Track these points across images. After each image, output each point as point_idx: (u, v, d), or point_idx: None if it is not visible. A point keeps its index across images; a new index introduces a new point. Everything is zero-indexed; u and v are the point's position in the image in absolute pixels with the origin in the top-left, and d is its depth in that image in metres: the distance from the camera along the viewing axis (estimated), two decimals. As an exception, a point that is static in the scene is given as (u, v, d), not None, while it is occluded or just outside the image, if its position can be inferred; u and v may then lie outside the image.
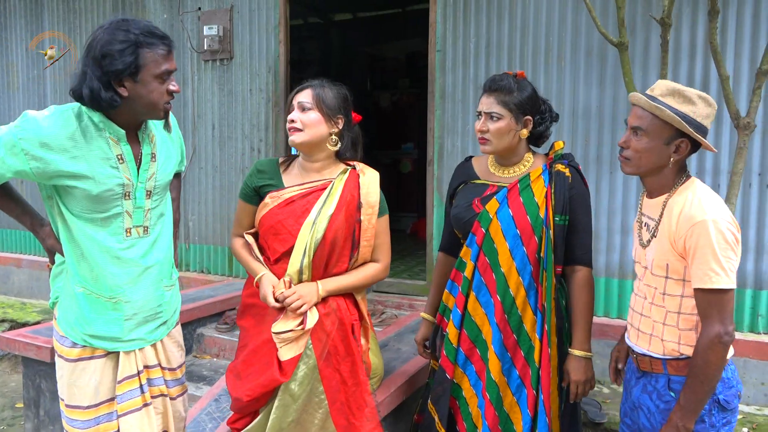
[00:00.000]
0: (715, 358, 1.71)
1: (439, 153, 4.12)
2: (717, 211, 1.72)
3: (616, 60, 3.58)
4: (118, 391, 1.89)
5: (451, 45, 4.03)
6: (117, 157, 1.81)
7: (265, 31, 4.64)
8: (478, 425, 2.20)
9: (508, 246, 2.14)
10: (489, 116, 2.14)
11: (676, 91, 1.79)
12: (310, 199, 2.20)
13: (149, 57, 1.71)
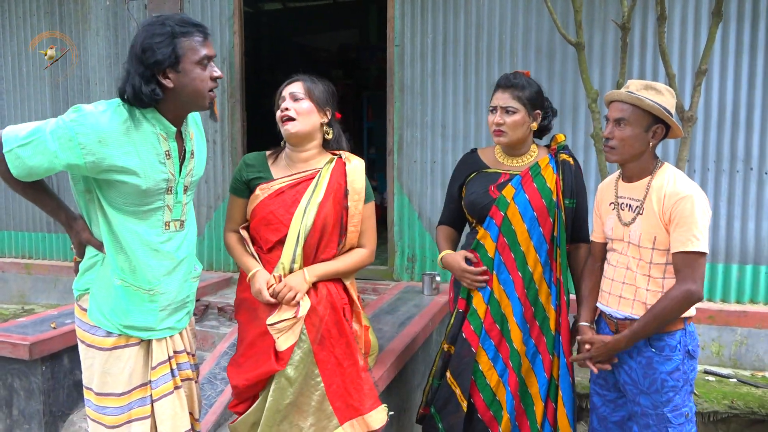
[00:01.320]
0: (678, 308, 2.05)
1: (398, 144, 4.32)
2: (696, 189, 2.07)
3: (563, 58, 3.93)
4: (152, 376, 1.95)
5: (409, 40, 4.23)
6: (165, 153, 1.87)
7: (219, 21, 4.63)
8: (497, 393, 2.40)
9: (526, 227, 2.36)
10: (505, 110, 2.34)
11: (649, 85, 2.12)
12: (299, 189, 2.25)
13: (186, 45, 1.77)
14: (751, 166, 3.69)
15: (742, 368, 3.68)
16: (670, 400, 2.11)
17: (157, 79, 1.76)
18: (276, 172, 2.32)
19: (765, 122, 3.66)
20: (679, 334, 2.12)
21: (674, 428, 2.12)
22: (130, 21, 4.79)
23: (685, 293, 2.03)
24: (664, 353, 2.11)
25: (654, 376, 2.12)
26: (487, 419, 2.42)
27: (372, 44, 8.26)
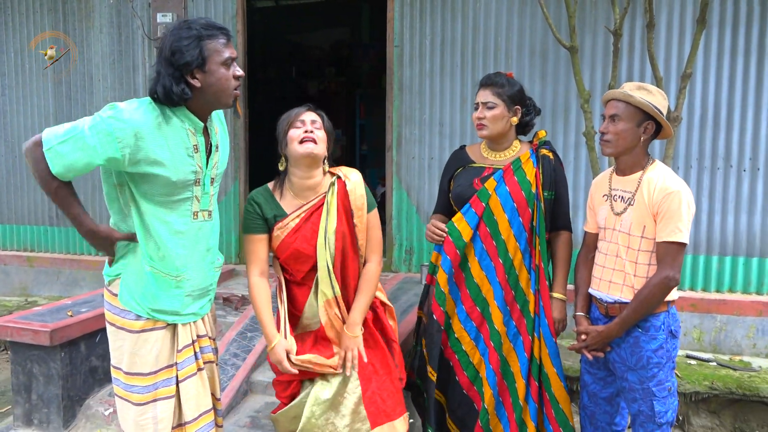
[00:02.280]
0: (659, 294, 2.28)
1: (397, 140, 4.49)
2: (683, 186, 2.29)
3: (556, 59, 4.13)
4: (178, 359, 2.06)
5: (408, 41, 4.40)
6: (193, 147, 2.01)
7: (222, 20, 4.75)
8: (480, 370, 2.62)
9: (506, 217, 2.57)
10: (485, 106, 2.57)
11: (641, 86, 2.36)
12: (313, 220, 2.37)
13: (212, 47, 1.90)
14: (731, 164, 3.93)
15: (721, 353, 3.92)
16: (654, 375, 2.32)
17: (186, 79, 1.89)
18: (286, 206, 2.40)
19: (744, 122, 3.90)
20: (663, 316, 2.33)
21: (658, 401, 2.34)
22: (134, 18, 4.89)
23: (664, 279, 2.26)
24: (649, 333, 2.33)
25: (640, 353, 2.33)
26: (471, 394, 2.63)
27: (364, 42, 8.41)
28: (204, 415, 2.16)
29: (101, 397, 3.46)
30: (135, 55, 4.97)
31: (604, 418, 2.57)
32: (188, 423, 2.11)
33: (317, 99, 8.10)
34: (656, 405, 2.34)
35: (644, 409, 2.35)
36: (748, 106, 3.88)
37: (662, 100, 2.35)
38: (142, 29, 4.86)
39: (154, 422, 2.05)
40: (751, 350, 3.88)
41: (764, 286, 3.95)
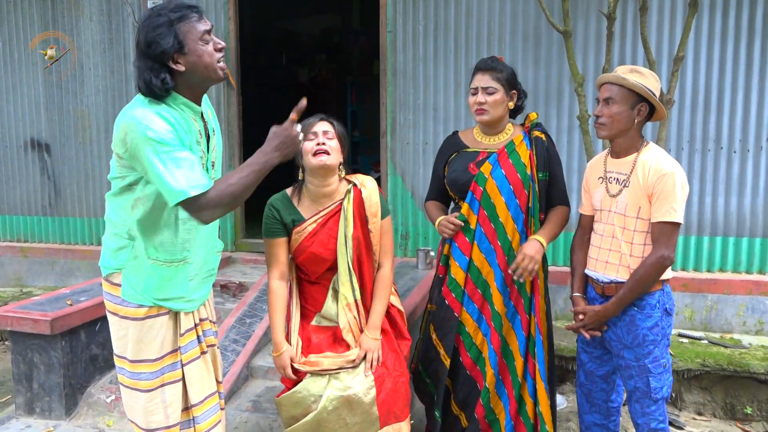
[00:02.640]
0: (655, 273, 2.33)
1: (392, 126, 4.51)
2: (677, 167, 2.34)
3: (549, 44, 4.16)
4: (181, 342, 2.09)
5: (401, 26, 4.41)
6: (198, 132, 2.03)
7: (214, 7, 4.74)
8: (483, 350, 2.67)
9: (503, 200, 2.61)
10: (485, 90, 2.59)
11: (634, 69, 2.39)
12: (330, 225, 2.49)
13: (185, 28, 1.87)
14: (721, 146, 3.99)
15: (712, 331, 4.00)
16: (650, 352, 2.39)
17: (168, 67, 1.87)
18: (304, 211, 2.51)
19: (734, 105, 3.95)
20: (658, 294, 2.39)
21: (654, 377, 2.40)
22: (124, 6, 4.85)
23: (660, 258, 2.31)
24: (645, 311, 2.38)
25: (636, 331, 2.39)
26: (474, 374, 2.68)
27: (355, 28, 8.38)
28: (209, 398, 2.19)
29: (102, 384, 3.48)
30: (126, 43, 4.93)
31: (600, 396, 2.63)
32: (195, 406, 2.14)
33: (308, 86, 8.09)
34: (652, 381, 2.40)
35: (640, 385, 2.42)
36: (738, 89, 3.93)
37: (655, 82, 2.38)
38: (132, 16, 4.82)
39: (163, 407, 2.08)
40: (741, 328, 3.96)
41: (754, 266, 4.02)
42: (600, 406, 2.65)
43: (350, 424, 2.37)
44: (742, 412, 3.53)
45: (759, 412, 3.52)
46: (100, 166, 5.12)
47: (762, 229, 3.98)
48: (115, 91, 5.00)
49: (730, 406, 3.57)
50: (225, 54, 2.02)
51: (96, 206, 5.16)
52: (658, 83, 2.40)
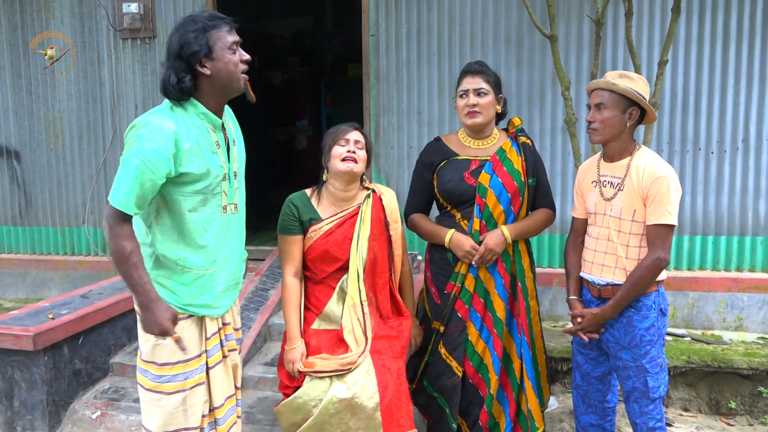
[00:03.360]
0: (651, 275, 2.37)
1: (375, 130, 4.49)
2: (670, 170, 2.38)
3: (531, 48, 4.20)
4: (207, 346, 2.14)
5: (384, 30, 4.39)
6: (215, 143, 2.06)
7: (192, 9, 4.64)
8: (484, 357, 2.67)
9: (502, 208, 2.61)
10: (477, 93, 2.58)
11: (623, 74, 2.43)
12: (346, 227, 2.56)
13: (216, 35, 1.98)
14: (699, 147, 4.09)
15: (694, 328, 4.09)
16: (647, 353, 2.42)
17: (195, 70, 1.96)
18: (322, 211, 2.59)
19: (711, 107, 4.05)
20: (654, 295, 2.43)
21: (651, 377, 2.44)
22: (97, 8, 4.72)
23: (656, 260, 2.35)
24: (641, 312, 2.42)
25: (633, 332, 2.42)
26: (476, 382, 2.68)
27: (328, 31, 8.33)
28: (228, 399, 2.23)
29: (87, 400, 3.38)
30: (100, 47, 4.80)
31: (596, 397, 2.66)
32: (216, 408, 2.18)
33: (282, 89, 8.02)
34: (650, 381, 2.43)
35: (638, 385, 2.45)
36: (715, 92, 4.03)
37: (644, 86, 2.43)
38: (107, 19, 4.70)
39: (184, 410, 2.08)
40: (721, 324, 4.07)
41: (732, 263, 4.14)
42: (596, 407, 2.68)
43: (353, 429, 2.35)
44: (727, 406, 3.62)
45: (742, 406, 3.61)
46: (73, 174, 4.97)
47: (739, 227, 4.10)
48: (88, 96, 4.86)
49: (714, 401, 3.65)
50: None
51: (70, 215, 5.01)
52: (648, 87, 2.44)
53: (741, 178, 4.07)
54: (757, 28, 3.94)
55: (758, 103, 4.00)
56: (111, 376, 3.61)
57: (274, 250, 4.77)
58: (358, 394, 2.34)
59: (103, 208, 4.92)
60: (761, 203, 4.06)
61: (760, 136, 4.02)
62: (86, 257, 5.00)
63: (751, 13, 3.94)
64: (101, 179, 4.92)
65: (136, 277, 1.93)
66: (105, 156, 4.87)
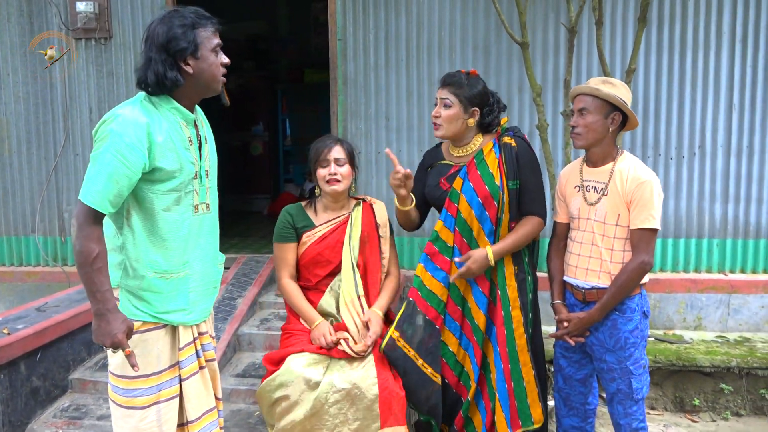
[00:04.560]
0: (636, 278, 2.42)
1: (343, 136, 4.42)
2: (653, 175, 2.44)
3: (498, 55, 4.26)
4: (180, 357, 2.04)
5: (351, 35, 4.36)
6: (188, 139, 2.00)
7: (150, 10, 4.48)
8: (465, 365, 2.65)
9: (475, 215, 2.56)
10: (442, 104, 2.56)
11: (606, 80, 2.49)
12: (339, 232, 2.73)
13: (203, 34, 1.94)
14: (659, 153, 4.23)
15: (656, 328, 4.22)
16: (631, 354, 2.47)
17: (179, 66, 1.91)
18: (316, 219, 2.78)
19: (670, 114, 4.21)
20: (637, 298, 2.48)
21: (635, 378, 2.48)
22: (48, 6, 4.49)
23: (641, 264, 2.40)
24: (626, 315, 2.46)
25: (618, 335, 2.46)
26: (459, 390, 2.67)
27: (283, 36, 8.22)
28: (206, 414, 2.13)
29: (45, 420, 3.17)
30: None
31: (578, 399, 2.69)
32: (191, 422, 2.08)
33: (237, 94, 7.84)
34: (634, 382, 2.48)
35: (623, 387, 2.49)
36: (673, 99, 4.19)
37: (626, 92, 2.48)
38: (59, 18, 4.47)
39: (158, 425, 2.00)
40: (682, 324, 4.21)
41: (690, 265, 4.29)
42: (578, 409, 2.71)
43: (351, 419, 2.39)
44: (690, 404, 3.74)
45: (705, 403, 3.74)
46: (21, 181, 4.70)
47: (696, 230, 4.26)
48: (38, 98, 4.61)
49: (679, 399, 3.77)
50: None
51: (17, 223, 4.73)
52: (630, 93, 2.50)
53: (698, 183, 4.23)
54: (711, 40, 4.12)
55: (713, 111, 4.18)
56: (71, 392, 3.41)
57: (238, 257, 4.65)
58: (359, 384, 2.40)
59: (54, 216, 4.69)
60: (716, 207, 4.24)
61: (715, 143, 4.19)
62: (35, 268, 4.73)
63: (706, 25, 4.12)
64: (52, 186, 4.67)
65: (98, 283, 1.84)
66: (56, 162, 4.62)
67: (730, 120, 4.17)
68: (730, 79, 4.14)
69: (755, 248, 4.24)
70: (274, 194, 7.84)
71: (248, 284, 4.17)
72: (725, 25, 4.10)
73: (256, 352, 3.70)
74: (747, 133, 4.17)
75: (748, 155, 4.18)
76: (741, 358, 3.68)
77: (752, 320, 4.16)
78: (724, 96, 4.15)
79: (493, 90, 2.68)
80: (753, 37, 4.10)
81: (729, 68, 4.13)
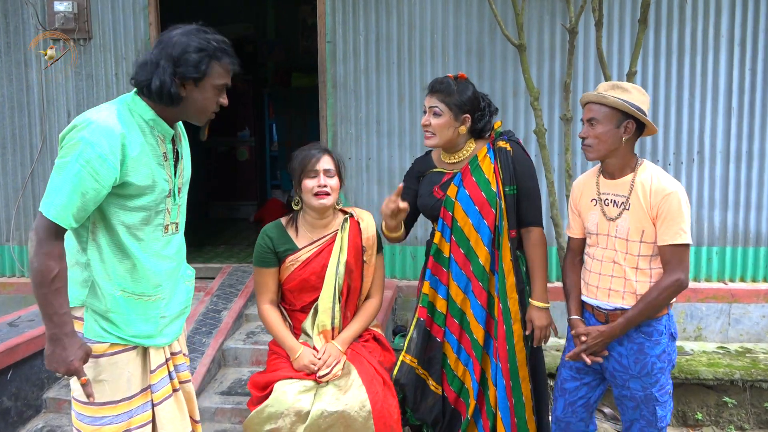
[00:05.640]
0: (667, 297, 2.19)
1: (332, 140, 4.29)
2: (678, 185, 2.21)
3: (492, 58, 4.14)
4: (152, 380, 1.91)
5: (341, 37, 4.22)
6: (163, 155, 1.87)
7: (132, 11, 4.31)
8: (464, 380, 2.52)
9: (471, 223, 2.43)
10: (432, 112, 2.41)
11: (615, 85, 2.25)
12: (324, 254, 2.48)
13: (217, 69, 1.81)
14: (657, 159, 4.13)
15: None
16: (657, 380, 2.25)
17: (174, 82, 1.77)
18: (299, 240, 2.51)
19: (668, 119, 4.11)
20: (665, 319, 2.26)
21: (660, 406, 2.27)
22: (25, 6, 4.31)
23: (676, 282, 2.17)
24: (653, 338, 2.24)
25: (645, 360, 2.23)
26: (458, 406, 2.54)
27: (270, 40, 8.08)
28: None
29: (66, 431, 3.00)
30: (27, 48, 4.38)
31: (579, 427, 2.47)
32: None
33: (222, 98, 7.65)
34: (658, 410, 2.28)
35: (646, 414, 2.29)
36: (671, 104, 4.09)
37: (640, 96, 2.24)
38: (36, 18, 4.29)
39: None
40: (682, 335, 4.10)
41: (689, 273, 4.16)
42: None
43: None
44: (693, 418, 3.63)
45: (708, 417, 3.63)
46: (-5, 187, 4.50)
47: (696, 238, 4.15)
48: (13, 101, 4.42)
49: (681, 413, 3.65)
50: None
51: (-9, 232, 4.54)
52: (645, 97, 2.26)
53: (697, 189, 4.13)
54: (709, 42, 4.03)
55: (712, 116, 4.09)
56: (45, 413, 3.22)
57: (223, 267, 4.48)
58: (351, 403, 2.27)
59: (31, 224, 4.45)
60: (716, 214, 4.14)
61: (714, 148, 4.10)
62: (10, 279, 4.53)
63: (704, 27, 4.03)
64: (28, 193, 4.47)
65: (56, 305, 1.69)
66: (33, 167, 4.43)
67: (729, 125, 4.08)
68: (729, 82, 4.05)
69: (755, 256, 4.14)
70: (260, 200, 7.68)
71: (234, 296, 4.00)
72: (724, 28, 4.02)
73: (242, 367, 3.53)
74: (746, 138, 4.08)
75: (747, 161, 4.09)
76: (744, 370, 3.58)
77: (753, 330, 4.06)
78: (723, 100, 4.06)
79: (486, 93, 2.58)
80: (752, 39, 4.02)
81: (728, 72, 4.05)
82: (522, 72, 3.46)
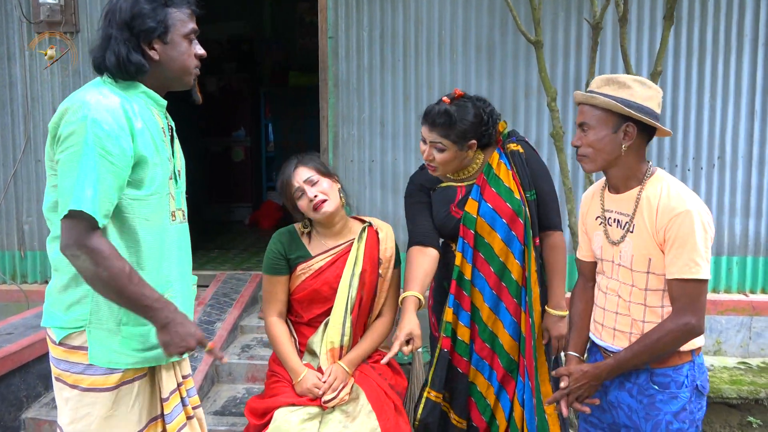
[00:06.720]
0: (671, 342, 1.75)
1: (334, 142, 4.07)
2: (697, 203, 1.75)
3: (503, 56, 3.93)
4: (166, 409, 1.72)
5: (343, 32, 4.00)
6: (162, 130, 1.70)
7: (122, 3, 4.08)
8: (497, 412, 2.31)
9: (500, 237, 2.22)
10: (434, 147, 2.19)
11: (611, 79, 1.82)
12: (338, 264, 2.33)
13: (176, 16, 1.66)
14: (676, 164, 3.93)
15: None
16: None
17: (143, 50, 1.63)
18: (312, 248, 2.37)
19: (687, 123, 3.91)
20: (687, 368, 1.80)
21: None
22: None
23: (683, 327, 1.73)
24: (669, 390, 1.81)
25: (658, 417, 1.81)
26: None
27: (267, 38, 7.87)
28: None
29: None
30: (10, 42, 4.14)
31: None
32: None
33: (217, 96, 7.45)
34: None
35: None
36: (691, 106, 3.90)
37: (645, 91, 1.79)
38: (20, 10, 4.05)
39: None
40: (700, 349, 3.89)
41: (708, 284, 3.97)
42: None
43: None
44: (716, 438, 3.42)
45: (732, 437, 3.43)
46: (-25, 188, 4.26)
47: (715, 247, 3.94)
48: (-5, 98, 4.19)
49: (703, 433, 3.45)
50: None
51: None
52: (653, 91, 1.81)
53: (717, 196, 3.94)
54: (732, 42, 3.83)
55: (733, 119, 3.89)
56: (23, 434, 2.99)
57: (218, 274, 4.25)
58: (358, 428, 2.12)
59: (13, 228, 4.26)
60: (736, 222, 3.94)
61: (736, 153, 3.90)
62: (-10, 286, 4.29)
63: (726, 27, 3.83)
64: (10, 195, 4.23)
65: (148, 293, 1.57)
66: (15, 169, 4.19)
67: (751, 129, 3.88)
68: (752, 84, 3.85)
69: (778, 267, 3.94)
70: (256, 203, 7.47)
71: (228, 305, 3.78)
72: (748, 27, 3.82)
73: (236, 384, 3.32)
74: (770, 143, 3.88)
75: (770, 167, 3.90)
76: (770, 388, 3.38)
77: (776, 345, 3.87)
78: (745, 103, 3.86)
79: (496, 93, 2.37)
80: (777, 39, 3.82)
81: (751, 73, 3.84)
82: (538, 71, 3.25)
